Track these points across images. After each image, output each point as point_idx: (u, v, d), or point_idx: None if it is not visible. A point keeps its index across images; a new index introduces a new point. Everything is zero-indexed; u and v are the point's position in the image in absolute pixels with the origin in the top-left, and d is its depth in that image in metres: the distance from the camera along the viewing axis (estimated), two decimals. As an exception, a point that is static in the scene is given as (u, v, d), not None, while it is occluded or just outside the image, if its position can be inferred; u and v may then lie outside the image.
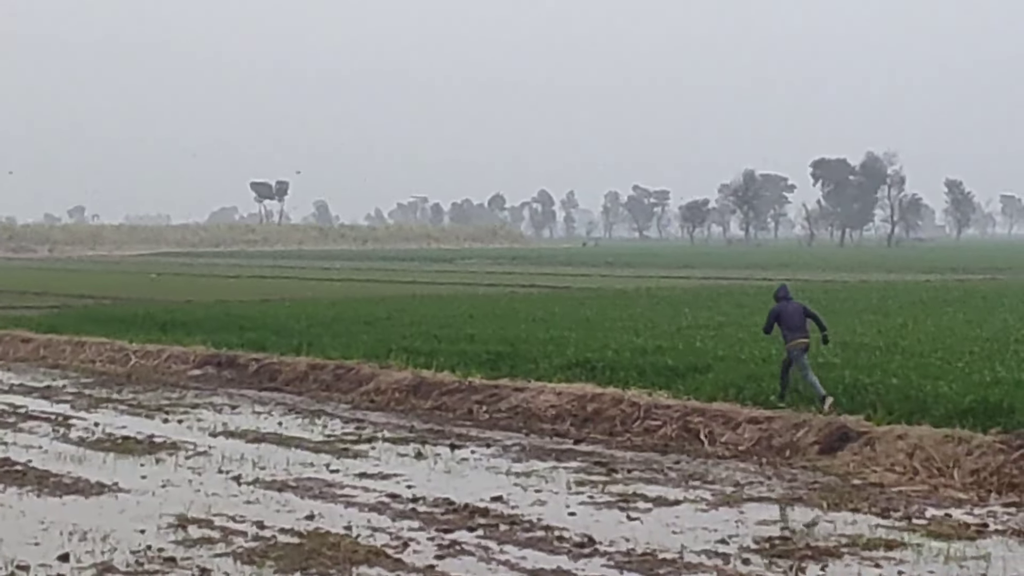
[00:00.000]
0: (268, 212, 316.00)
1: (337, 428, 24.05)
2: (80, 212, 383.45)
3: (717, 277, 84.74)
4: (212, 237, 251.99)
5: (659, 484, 18.42)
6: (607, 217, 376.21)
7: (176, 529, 15.54)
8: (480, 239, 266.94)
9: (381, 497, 17.48)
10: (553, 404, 24.62)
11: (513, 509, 16.68)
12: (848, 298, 53.09)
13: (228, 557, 14.12)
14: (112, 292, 65.00)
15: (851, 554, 14.20)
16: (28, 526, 15.82)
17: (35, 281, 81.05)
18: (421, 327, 37.62)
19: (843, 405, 21.97)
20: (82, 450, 21.50)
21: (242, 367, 32.11)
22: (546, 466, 19.91)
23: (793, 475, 19.04)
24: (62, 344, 37.90)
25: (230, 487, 18.31)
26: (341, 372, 29.61)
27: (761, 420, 21.66)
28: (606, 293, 59.92)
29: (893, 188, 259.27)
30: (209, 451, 21.28)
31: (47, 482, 18.66)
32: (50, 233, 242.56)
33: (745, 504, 16.98)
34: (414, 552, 14.35)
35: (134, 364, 34.39)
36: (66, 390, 30.01)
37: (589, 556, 14.16)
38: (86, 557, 14.11)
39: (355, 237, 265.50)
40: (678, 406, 23.13)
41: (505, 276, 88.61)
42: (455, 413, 25.60)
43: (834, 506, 16.74)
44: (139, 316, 44.49)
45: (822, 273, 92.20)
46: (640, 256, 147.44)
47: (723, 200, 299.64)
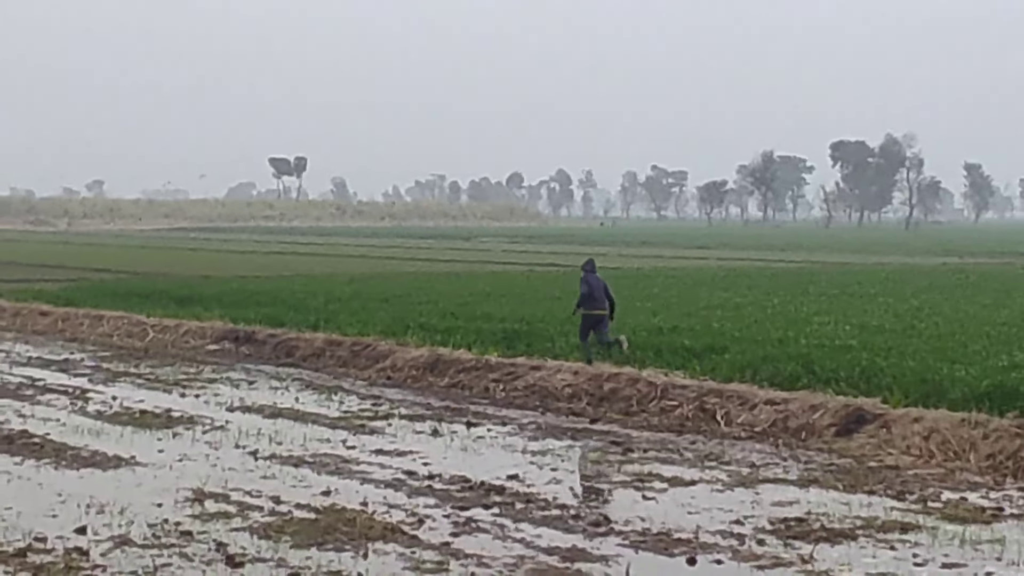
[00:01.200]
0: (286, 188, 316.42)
1: (354, 404, 24.10)
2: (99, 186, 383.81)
3: (734, 258, 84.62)
4: (230, 212, 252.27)
5: (675, 464, 18.43)
6: (625, 197, 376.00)
7: (193, 503, 15.59)
8: (497, 217, 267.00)
9: (397, 474, 17.52)
10: (569, 383, 24.64)
11: (529, 487, 16.71)
12: (865, 280, 53.02)
13: (244, 531, 14.17)
14: (130, 266, 65.11)
15: (866, 536, 14.21)
16: (46, 498, 15.88)
17: (53, 254, 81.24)
18: (438, 305, 37.64)
19: (859, 388, 21.94)
20: (100, 423, 21.58)
21: (259, 342, 32.18)
22: (562, 445, 19.94)
23: (809, 457, 19.05)
24: (80, 317, 38.00)
25: (247, 462, 18.37)
26: (358, 349, 29.65)
27: (778, 401, 21.65)
28: (623, 273, 59.85)
29: (912, 171, 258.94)
30: (226, 426, 21.35)
31: (65, 455, 18.72)
32: (68, 207, 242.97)
33: (761, 485, 16.99)
34: (430, 529, 14.39)
35: (152, 338, 34.47)
36: (84, 363, 30.10)
37: (604, 535, 14.18)
38: (103, 530, 14.17)
39: (373, 214, 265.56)
40: (694, 386, 23.14)
41: (522, 254, 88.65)
42: (472, 391, 25.64)
43: (850, 488, 16.75)
44: (157, 291, 44.57)
45: (840, 255, 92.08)
46: (657, 236, 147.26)
47: (741, 181, 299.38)
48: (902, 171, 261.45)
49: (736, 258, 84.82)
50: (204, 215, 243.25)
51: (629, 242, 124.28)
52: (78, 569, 12.64)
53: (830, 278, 55.17)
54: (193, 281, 50.66)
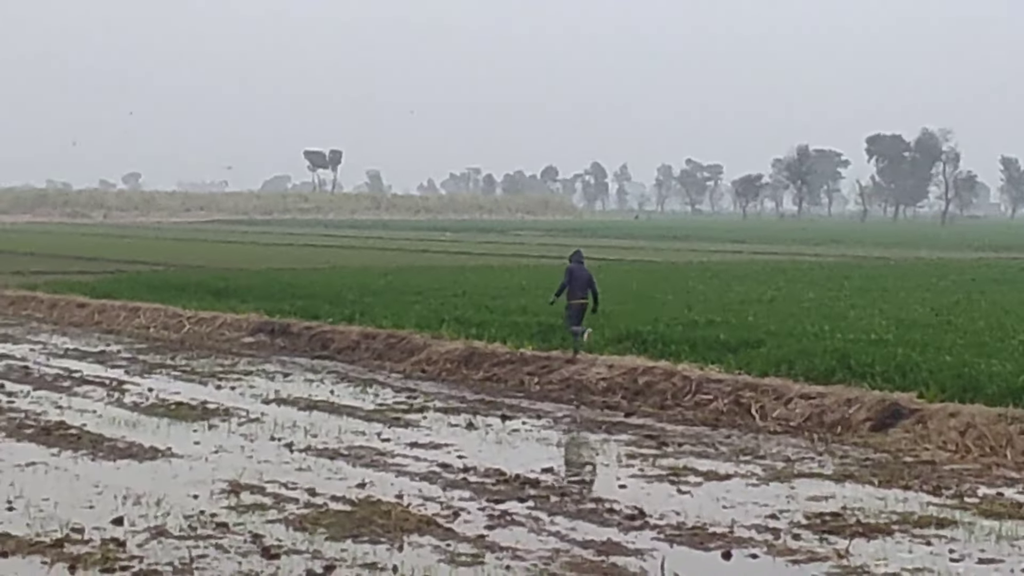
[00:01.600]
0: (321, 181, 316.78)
1: (389, 397, 24.14)
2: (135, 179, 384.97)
3: (769, 252, 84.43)
4: (265, 205, 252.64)
5: (710, 458, 18.41)
6: (660, 190, 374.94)
7: (228, 495, 15.65)
8: (532, 211, 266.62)
9: (432, 467, 17.55)
10: (604, 377, 24.64)
11: (564, 481, 16.72)
12: (901, 275, 52.86)
13: (280, 523, 14.22)
14: (166, 258, 65.32)
15: (902, 531, 14.18)
16: (82, 489, 15.96)
17: (90, 247, 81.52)
18: (473, 298, 37.66)
19: (895, 382, 21.87)
20: (136, 415, 21.66)
21: (295, 335, 32.25)
22: (597, 438, 19.94)
23: (844, 451, 19.00)
24: (116, 309, 38.14)
25: (282, 454, 18.42)
26: (393, 341, 29.70)
27: (813, 396, 21.61)
28: (658, 266, 59.83)
29: (948, 165, 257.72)
30: (261, 418, 21.41)
31: (101, 446, 18.81)
32: (105, 199, 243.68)
33: (796, 480, 16.96)
34: (465, 522, 14.41)
35: (188, 330, 34.60)
36: (120, 355, 30.22)
37: (639, 528, 14.18)
38: (140, 521, 14.23)
39: (407, 207, 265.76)
40: (729, 380, 23.11)
41: (557, 248, 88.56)
42: (506, 384, 25.66)
43: (885, 483, 16.71)
44: (192, 283, 44.71)
45: (875, 249, 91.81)
46: (692, 230, 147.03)
47: (776, 175, 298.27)
48: (938, 165, 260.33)
49: (771, 252, 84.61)
50: (239, 208, 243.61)
51: (664, 236, 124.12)
52: (115, 560, 12.69)
53: (866, 272, 55.03)
54: (229, 273, 50.77)
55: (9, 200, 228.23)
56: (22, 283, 46.78)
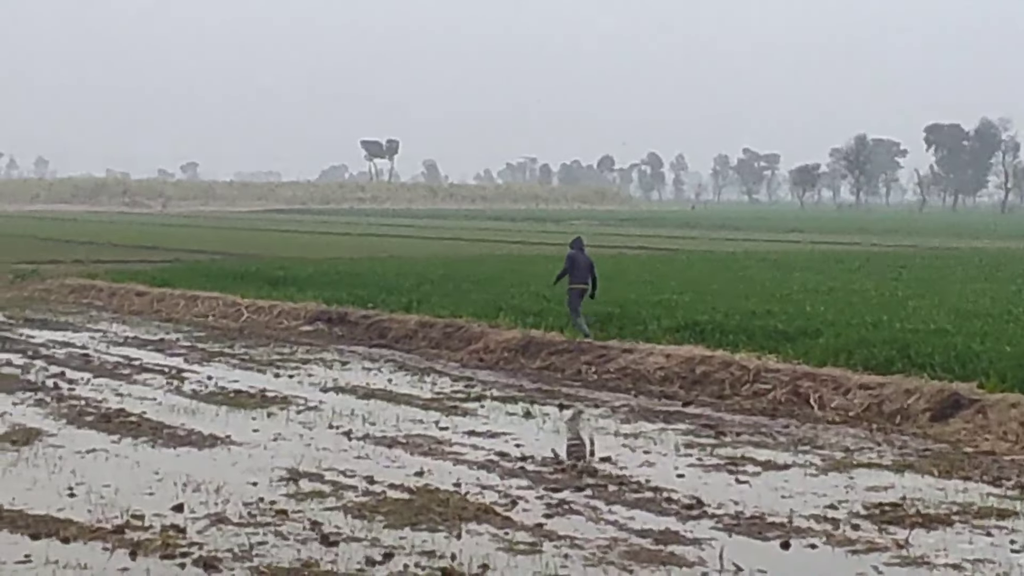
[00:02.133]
0: (378, 170, 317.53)
1: (446, 386, 24.17)
2: (193, 168, 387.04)
3: (827, 242, 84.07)
4: (322, 195, 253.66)
5: (768, 448, 18.36)
6: (716, 180, 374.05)
7: (287, 482, 15.72)
8: (588, 200, 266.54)
9: (490, 455, 17.56)
10: (662, 366, 24.59)
11: (621, 470, 16.71)
12: (960, 264, 52.49)
13: (339, 511, 14.27)
14: (224, 247, 65.63)
15: (962, 522, 14.09)
16: (143, 476, 16.06)
17: (149, 236, 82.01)
18: (530, 287, 37.62)
19: (955, 372, 21.73)
20: (195, 403, 21.78)
21: (352, 324, 32.34)
22: (654, 428, 19.91)
23: (904, 441, 18.90)
24: (175, 298, 38.36)
25: (340, 442, 18.48)
26: (450, 330, 29.74)
27: (872, 386, 21.50)
28: (715, 256, 59.66)
29: (1007, 154, 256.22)
30: (320, 406, 21.48)
31: (161, 434, 18.92)
32: (163, 189, 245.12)
33: (855, 470, 16.88)
34: (523, 510, 14.42)
35: (246, 319, 34.75)
36: (179, 343, 30.38)
37: (697, 518, 14.16)
38: (200, 508, 14.32)
39: (464, 196, 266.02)
40: (787, 370, 23.02)
41: (613, 237, 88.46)
42: (564, 373, 25.64)
43: (945, 473, 16.62)
44: (250, 272, 44.89)
45: (933, 239, 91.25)
46: (749, 220, 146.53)
47: (834, 164, 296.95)
48: (997, 155, 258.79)
49: (829, 242, 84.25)
50: (297, 197, 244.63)
51: (721, 225, 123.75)
52: (175, 546, 12.77)
53: (924, 262, 54.71)
54: (287, 262, 50.94)
55: (69, 190, 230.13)
56: (82, 272, 47.10)
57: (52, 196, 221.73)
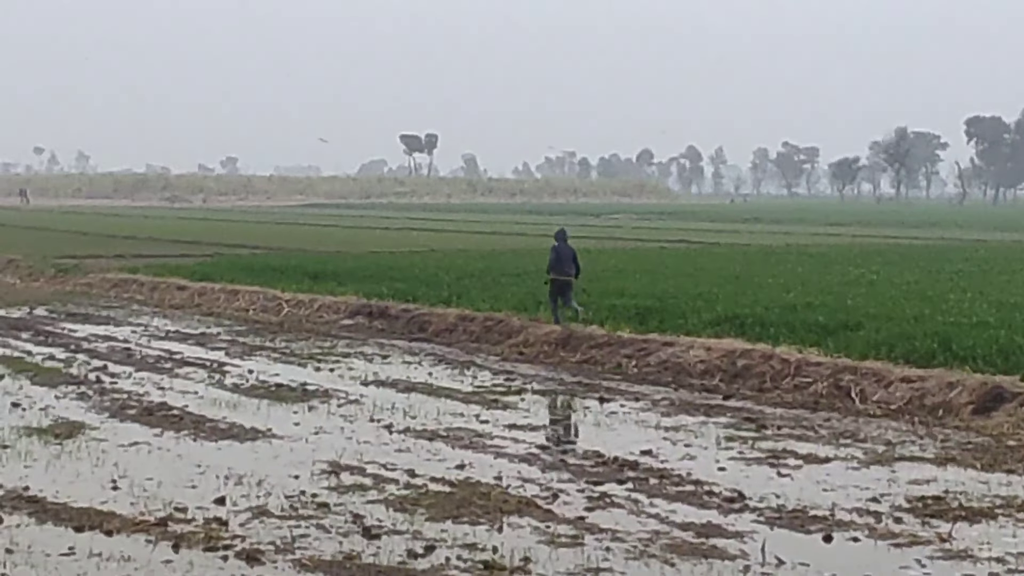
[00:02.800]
0: (417, 165, 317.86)
1: (487, 379, 24.20)
2: (232, 163, 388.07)
3: (868, 235, 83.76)
4: (361, 189, 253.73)
5: (809, 441, 18.31)
6: (756, 174, 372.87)
7: (329, 475, 15.76)
8: (627, 194, 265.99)
9: (531, 448, 17.58)
10: (702, 359, 24.55)
11: (663, 463, 16.70)
12: (1002, 257, 52.25)
13: (380, 504, 14.30)
14: (264, 241, 65.74)
15: (1006, 515, 14.04)
16: (185, 469, 16.14)
17: (189, 230, 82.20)
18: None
19: (997, 365, 21.62)
20: (236, 396, 21.86)
21: (392, 317, 32.38)
22: (695, 421, 19.89)
23: (946, 435, 18.83)
24: (216, 292, 38.48)
25: (381, 435, 18.52)
26: (490, 324, 29.76)
27: (913, 379, 21.43)
28: (755, 250, 59.50)
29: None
30: (360, 400, 21.52)
31: (203, 427, 19.00)
32: (203, 183, 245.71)
33: (897, 463, 16.83)
34: (564, 503, 14.43)
35: (286, 313, 34.82)
36: (220, 337, 30.47)
37: (739, 511, 14.14)
38: (242, 501, 14.37)
39: (503, 191, 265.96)
40: (828, 363, 22.96)
41: (653, 231, 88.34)
42: (604, 367, 25.63)
43: (988, 467, 16.55)
44: (291, 266, 44.97)
45: (975, 232, 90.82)
46: (789, 213, 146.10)
47: (874, 157, 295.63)
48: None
49: (869, 235, 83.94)
50: (336, 192, 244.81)
51: (760, 219, 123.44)
52: (218, 539, 12.83)
53: (966, 255, 54.44)
54: (326, 256, 51.07)
55: (110, 185, 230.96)
56: (124, 266, 47.29)
57: (93, 191, 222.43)
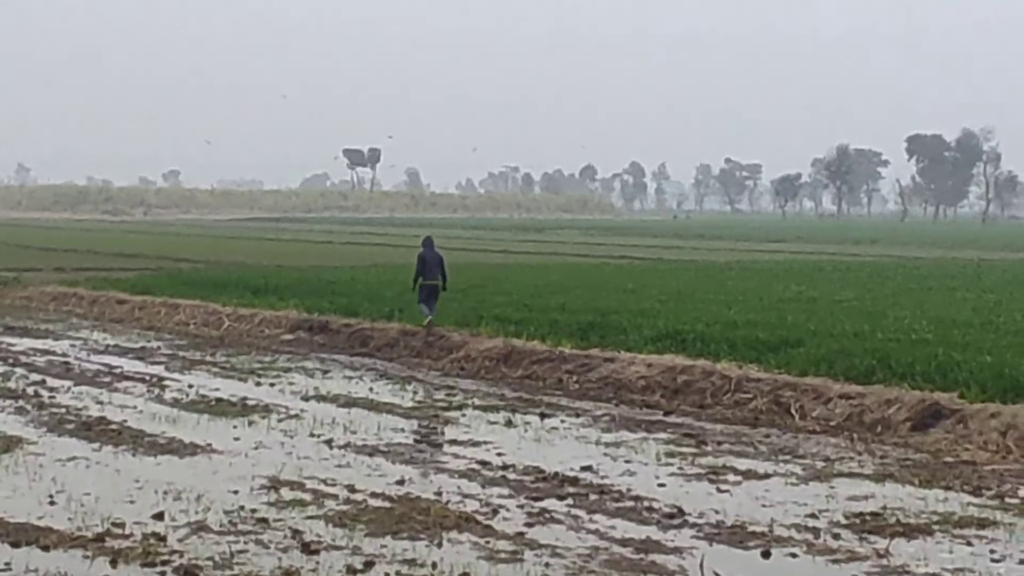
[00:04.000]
0: (360, 179, 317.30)
1: (428, 394, 24.17)
2: (175, 176, 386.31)
3: (808, 252, 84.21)
4: (304, 203, 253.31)
5: (749, 457, 18.37)
6: (698, 190, 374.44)
7: (269, 491, 15.69)
8: (570, 210, 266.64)
9: (471, 464, 17.56)
10: (643, 375, 24.59)
11: (603, 479, 16.70)
12: (941, 275, 52.61)
13: (320, 519, 14.25)
14: (206, 255, 65.52)
15: (943, 532, 14.11)
16: (123, 484, 16.03)
17: (130, 244, 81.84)
18: (512, 296, 37.64)
19: (935, 382, 21.76)
20: (176, 411, 21.73)
21: (334, 332, 32.30)
22: (636, 437, 19.91)
23: (884, 451, 18.92)
24: (156, 306, 38.28)
25: (322, 451, 18.46)
26: (432, 339, 29.72)
27: (852, 396, 21.53)
28: (697, 266, 59.72)
29: (989, 165, 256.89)
30: (301, 415, 21.44)
31: (142, 442, 18.87)
32: (145, 196, 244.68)
33: (835, 479, 16.90)
34: (504, 519, 14.41)
35: (227, 327, 34.69)
36: (160, 351, 30.32)
37: (678, 527, 14.16)
38: (180, 516, 14.29)
39: (446, 205, 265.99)
40: (769, 379, 23.04)
41: (596, 247, 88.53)
42: (545, 382, 25.63)
43: (926, 483, 16.64)
44: (232, 280, 44.80)
45: (915, 249, 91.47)
46: (731, 229, 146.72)
47: (816, 174, 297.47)
48: (979, 165, 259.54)
49: (810, 252, 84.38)
50: (278, 205, 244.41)
51: (703, 235, 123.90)
52: (156, 554, 12.75)
53: (905, 272, 54.81)
54: (268, 270, 50.93)
55: (50, 197, 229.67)
56: (63, 280, 47.02)
57: (33, 203, 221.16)
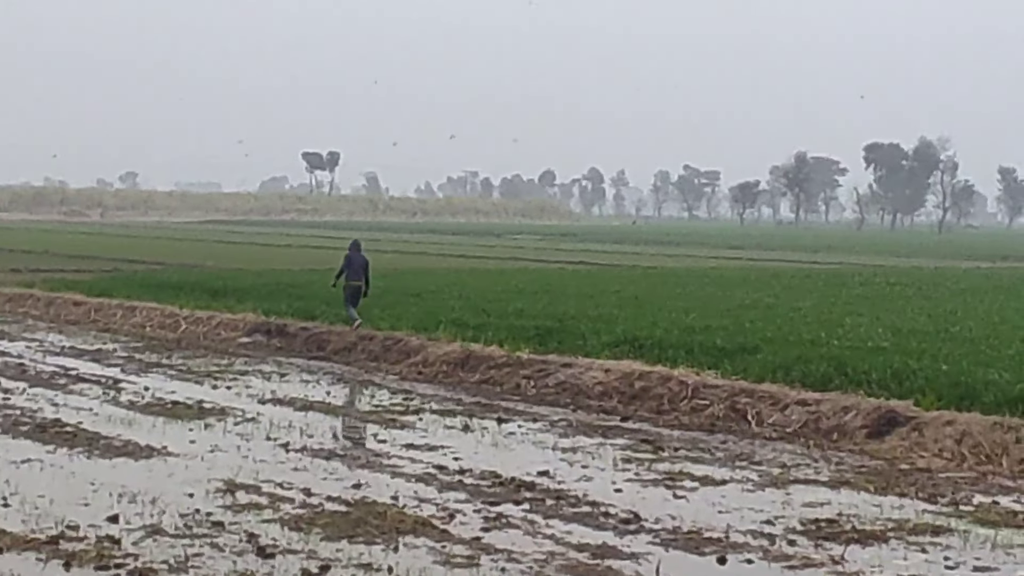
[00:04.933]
0: (319, 182, 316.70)
1: (385, 399, 24.13)
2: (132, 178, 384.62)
3: (767, 259, 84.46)
4: (263, 206, 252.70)
5: (706, 463, 18.41)
6: (657, 196, 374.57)
7: (224, 494, 15.65)
8: (529, 215, 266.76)
9: (428, 468, 17.54)
10: (601, 381, 24.61)
11: (559, 484, 16.71)
12: (898, 283, 52.81)
13: (275, 523, 14.21)
14: (163, 258, 65.28)
15: (897, 538, 14.18)
16: (78, 487, 15.96)
17: (87, 245, 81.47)
18: (470, 301, 37.61)
19: (891, 390, 21.85)
20: (132, 413, 21.64)
21: (291, 336, 32.23)
22: (593, 442, 19.93)
23: (840, 458, 19.00)
24: (113, 308, 38.11)
25: (278, 454, 18.42)
26: (390, 343, 29.68)
27: (809, 402, 21.60)
28: (655, 272, 59.80)
29: (946, 174, 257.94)
30: (257, 418, 21.39)
31: (97, 444, 18.79)
32: (102, 198, 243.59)
33: (791, 486, 16.97)
34: (460, 524, 14.41)
35: (184, 330, 34.56)
36: (116, 354, 30.19)
37: (635, 532, 14.18)
38: (135, 519, 14.23)
39: (405, 210, 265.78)
40: (726, 386, 23.09)
41: (554, 252, 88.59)
42: (503, 387, 25.63)
43: (881, 490, 16.71)
44: (190, 282, 44.64)
45: (872, 257, 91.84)
46: (690, 236, 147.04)
47: (774, 182, 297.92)
48: (936, 174, 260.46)
49: (768, 259, 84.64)
50: (237, 208, 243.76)
51: (661, 241, 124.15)
52: (110, 557, 12.69)
53: (863, 280, 55.01)
54: (226, 273, 50.73)
55: (7, 198, 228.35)
56: (19, 281, 46.75)
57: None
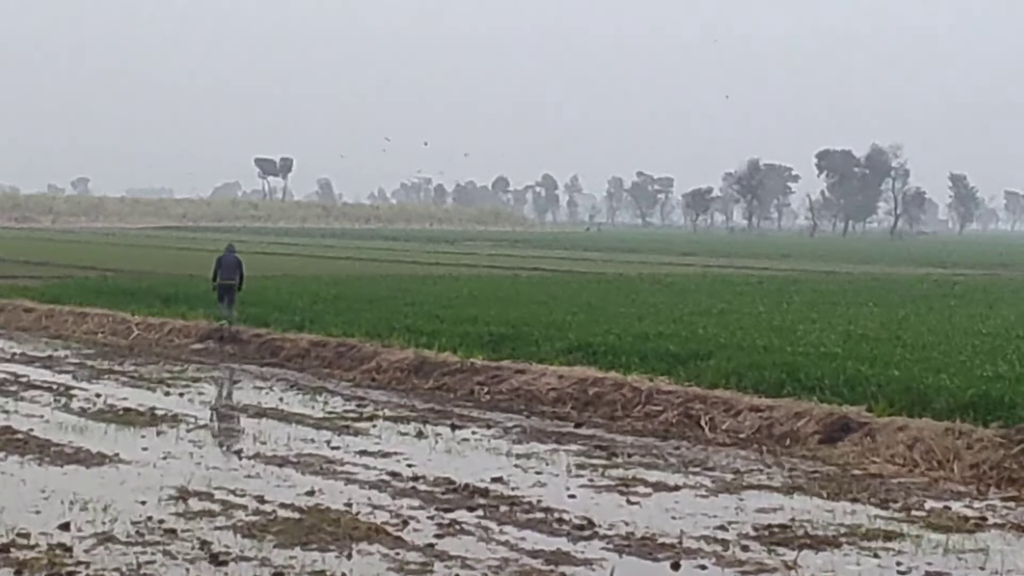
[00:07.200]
0: (272, 189, 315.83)
1: (338, 405, 24.10)
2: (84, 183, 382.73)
3: (719, 265, 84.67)
4: (215, 212, 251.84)
5: (659, 469, 18.45)
6: (610, 202, 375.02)
7: (177, 501, 15.58)
8: (483, 221, 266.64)
9: (381, 475, 17.52)
10: (554, 387, 24.63)
11: (513, 490, 16.71)
12: (850, 289, 53.05)
13: (228, 530, 14.16)
14: (115, 264, 64.95)
15: (850, 544, 14.23)
16: (29, 494, 15.87)
17: (38, 251, 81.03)
18: (423, 307, 37.59)
19: (844, 396, 21.94)
20: (83, 420, 21.54)
21: (244, 342, 32.15)
22: (546, 448, 19.94)
23: (793, 464, 19.06)
24: (64, 315, 37.92)
25: (231, 461, 18.39)
26: (343, 350, 29.63)
27: (762, 408, 21.68)
28: (609, 278, 59.87)
29: (897, 181, 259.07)
30: (210, 425, 21.29)
31: (48, 451, 18.69)
32: (53, 204, 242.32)
33: (745, 491, 17.01)
34: (414, 530, 14.39)
35: (136, 336, 34.41)
36: (68, 360, 30.04)
37: (588, 539, 14.19)
38: (87, 526, 14.15)
39: (358, 216, 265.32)
40: (679, 392, 23.14)
41: (508, 259, 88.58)
42: (456, 393, 25.62)
43: (833, 496, 16.77)
44: (141, 289, 44.52)
45: (825, 264, 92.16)
46: (643, 242, 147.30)
47: (727, 188, 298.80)
48: (887, 181, 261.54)
49: (721, 265, 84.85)
50: (189, 214, 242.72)
51: (615, 248, 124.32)
52: (61, 565, 12.63)
53: (815, 286, 55.23)
54: (178, 280, 50.60)
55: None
56: (-31, 287, 46.41)
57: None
